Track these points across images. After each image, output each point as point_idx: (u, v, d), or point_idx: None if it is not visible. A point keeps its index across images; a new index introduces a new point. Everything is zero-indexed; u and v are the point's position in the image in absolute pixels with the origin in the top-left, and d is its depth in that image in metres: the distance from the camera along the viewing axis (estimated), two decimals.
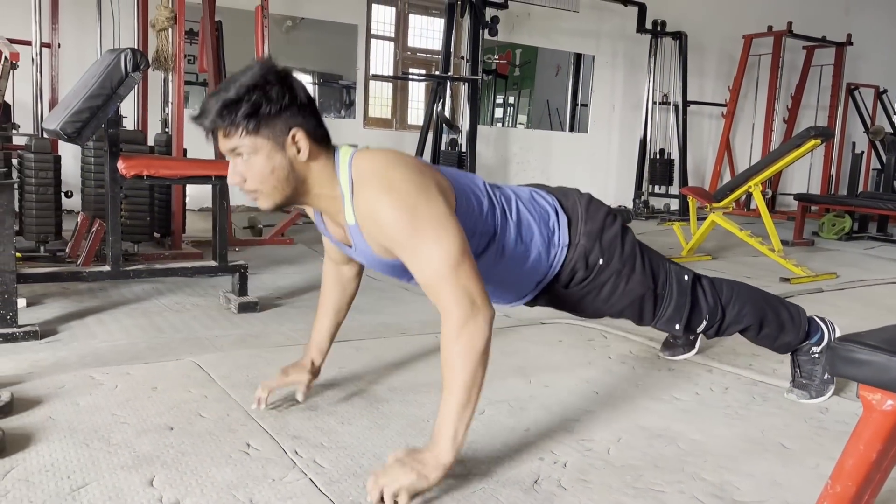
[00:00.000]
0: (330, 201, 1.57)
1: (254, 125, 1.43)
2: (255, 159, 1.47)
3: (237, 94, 1.42)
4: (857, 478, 1.27)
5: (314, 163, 1.52)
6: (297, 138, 1.48)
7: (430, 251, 1.46)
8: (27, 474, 1.52)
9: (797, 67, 9.46)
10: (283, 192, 1.52)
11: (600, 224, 1.87)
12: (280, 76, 1.47)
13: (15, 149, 4.23)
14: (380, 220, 1.48)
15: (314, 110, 1.52)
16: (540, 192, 1.88)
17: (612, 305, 1.93)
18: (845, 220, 6.76)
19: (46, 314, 2.91)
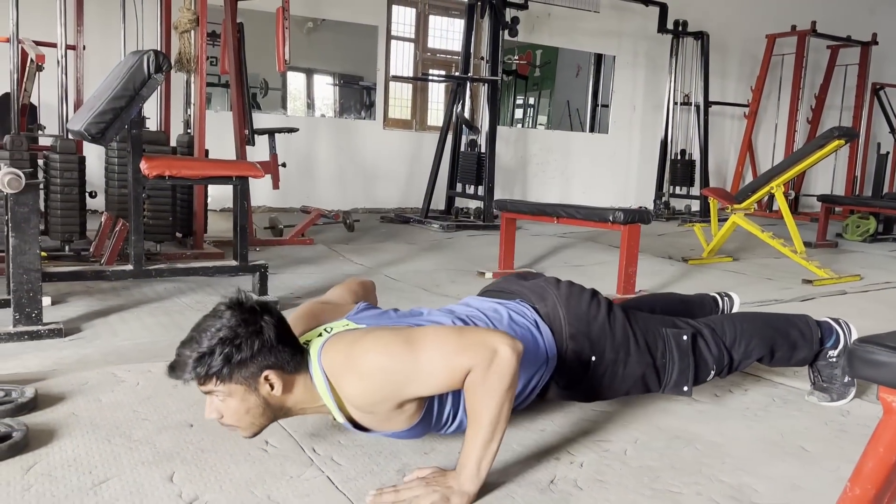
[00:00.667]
0: (318, 410, 1.61)
1: (227, 373, 1.47)
2: (231, 401, 1.51)
3: (209, 347, 1.46)
4: (877, 481, 1.26)
5: (290, 393, 1.56)
6: (269, 378, 1.51)
7: (429, 354, 1.47)
8: (50, 469, 1.55)
9: (821, 67, 9.36)
10: (261, 424, 1.57)
11: (585, 319, 1.85)
12: (249, 323, 1.49)
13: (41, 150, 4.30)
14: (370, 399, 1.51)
15: (286, 342, 1.54)
16: (515, 310, 1.86)
17: (615, 391, 1.93)
18: (870, 222, 6.67)
19: (71, 312, 2.96)
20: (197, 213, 4.41)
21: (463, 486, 1.48)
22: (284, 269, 4.11)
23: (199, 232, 4.42)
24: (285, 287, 3.61)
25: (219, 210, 6.44)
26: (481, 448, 1.47)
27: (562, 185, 9.04)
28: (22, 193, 2.51)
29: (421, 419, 1.59)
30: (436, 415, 1.62)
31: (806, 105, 9.29)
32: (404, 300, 3.45)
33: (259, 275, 3.21)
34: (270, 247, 4.89)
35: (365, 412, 1.55)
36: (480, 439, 1.47)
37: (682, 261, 4.96)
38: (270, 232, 5.44)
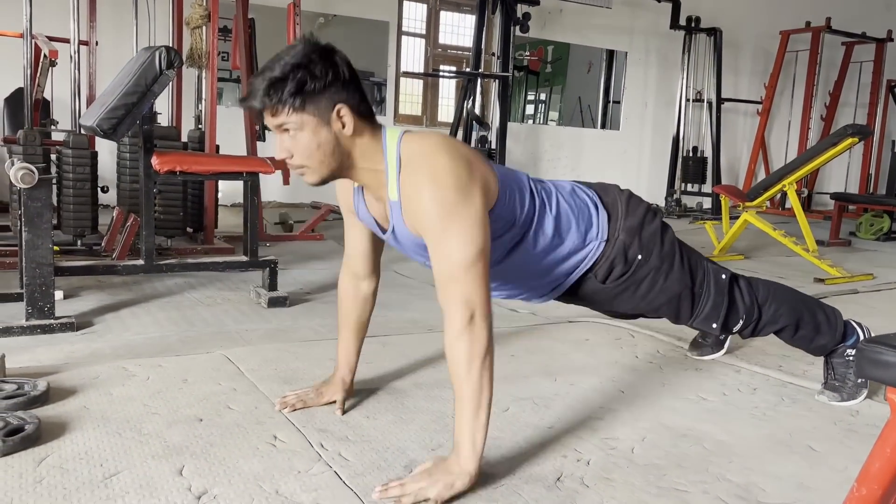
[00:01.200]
0: (374, 175, 1.59)
1: (299, 102, 1.46)
2: (302, 135, 1.49)
3: (282, 73, 1.45)
4: (883, 481, 1.26)
5: (359, 138, 1.54)
6: (342, 113, 1.50)
7: (451, 248, 1.49)
8: (61, 461, 1.57)
9: (836, 64, 9.28)
10: (330, 166, 1.55)
11: (640, 220, 1.86)
12: (324, 53, 1.49)
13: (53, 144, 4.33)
14: (418, 205, 1.52)
15: (358, 86, 1.54)
16: (581, 187, 1.89)
17: (649, 302, 1.92)
18: (884, 221, 6.62)
19: (82, 306, 2.98)
20: (207, 209, 4.43)
21: (463, 466, 1.48)
22: (294, 264, 4.12)
23: (210, 227, 4.44)
24: (295, 282, 3.63)
25: (229, 205, 6.46)
26: (470, 421, 1.48)
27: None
28: (35, 188, 2.54)
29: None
30: None
31: (820, 102, 9.22)
32: (415, 297, 3.45)
33: (269, 270, 3.23)
34: (281, 242, 4.91)
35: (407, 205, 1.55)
36: (467, 412, 1.48)
37: None
38: (281, 227, 5.46)
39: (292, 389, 2.00)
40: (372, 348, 2.46)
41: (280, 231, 5.35)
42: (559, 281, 1.87)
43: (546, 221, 1.74)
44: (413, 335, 2.75)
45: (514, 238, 1.70)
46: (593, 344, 2.73)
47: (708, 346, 2.56)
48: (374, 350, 2.45)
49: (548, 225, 1.74)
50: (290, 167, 1.55)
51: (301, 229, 5.24)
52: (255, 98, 1.47)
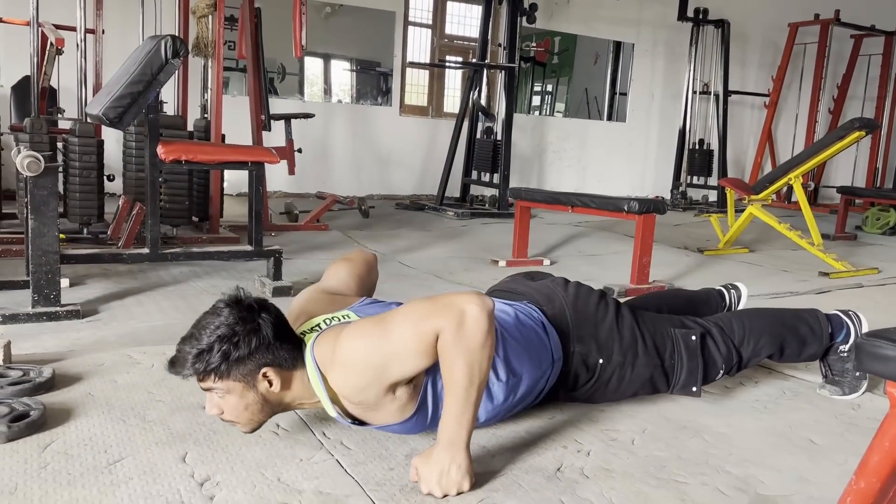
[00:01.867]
0: (315, 405, 1.63)
1: (225, 370, 1.50)
2: (229, 398, 1.54)
3: (208, 344, 1.48)
4: (882, 475, 1.26)
5: (288, 389, 1.58)
6: (268, 375, 1.54)
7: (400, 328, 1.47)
8: (66, 447, 1.58)
9: (844, 57, 9.23)
10: (260, 420, 1.59)
11: (592, 321, 1.86)
12: (247, 320, 1.51)
13: (60, 133, 4.35)
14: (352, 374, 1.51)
15: (284, 338, 1.56)
16: (524, 310, 1.85)
17: (622, 393, 1.93)
18: (890, 215, 6.60)
19: (88, 294, 3.00)
20: (213, 198, 4.44)
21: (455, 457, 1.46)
22: (299, 254, 4.14)
23: (215, 216, 4.46)
24: (300, 272, 3.64)
25: (235, 195, 6.48)
26: (461, 407, 1.46)
27: (578, 173, 9.01)
28: (41, 176, 2.55)
29: (416, 412, 1.60)
30: (431, 408, 1.61)
31: (828, 95, 9.17)
32: (417, 287, 3.46)
33: (273, 260, 3.24)
34: (286, 232, 4.93)
35: (355, 402, 1.56)
36: (458, 399, 1.45)
37: (697, 251, 4.93)
38: (286, 217, 5.48)
39: None
40: None
41: (285, 221, 5.36)
42: (529, 401, 1.83)
43: (498, 368, 1.68)
44: None
45: None
46: None
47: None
48: None
49: (500, 371, 1.69)
50: (223, 420, 1.58)
51: (306, 219, 5.26)
52: (183, 367, 1.51)
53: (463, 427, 1.47)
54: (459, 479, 1.46)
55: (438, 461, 1.46)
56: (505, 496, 1.48)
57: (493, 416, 1.73)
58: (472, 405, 1.47)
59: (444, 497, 1.45)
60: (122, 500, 1.38)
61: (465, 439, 1.48)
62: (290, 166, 5.60)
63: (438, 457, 1.47)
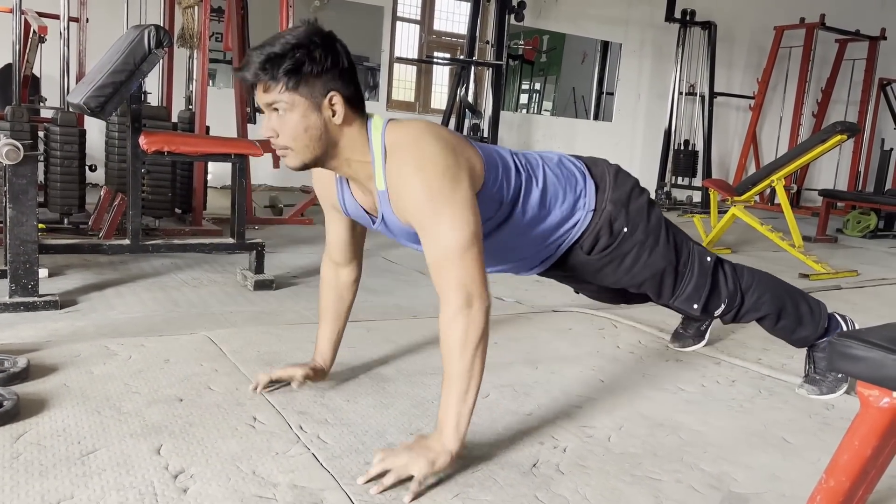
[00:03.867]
0: (360, 167, 1.59)
1: (294, 82, 1.45)
2: (291, 116, 1.48)
3: (282, 50, 1.44)
4: (852, 473, 1.28)
5: (347, 128, 1.54)
6: (333, 101, 1.49)
7: (444, 233, 1.49)
8: (39, 438, 1.57)
9: (829, 61, 9.30)
10: (314, 151, 1.53)
11: (627, 193, 1.87)
12: (325, 39, 1.49)
13: (42, 122, 4.31)
14: (406, 192, 1.52)
15: (354, 77, 1.54)
16: (569, 157, 1.89)
17: (633, 276, 1.92)
18: (870, 218, 6.67)
19: (67, 285, 2.98)
20: (196, 190, 4.42)
21: (445, 445, 1.49)
22: (283, 248, 4.12)
23: (199, 209, 4.43)
24: (283, 266, 3.62)
25: (219, 187, 6.44)
26: (457, 402, 1.49)
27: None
28: (20, 165, 2.52)
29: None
30: None
31: (812, 98, 9.25)
32: (402, 283, 3.46)
33: (256, 253, 3.23)
34: (270, 226, 4.90)
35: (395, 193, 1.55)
36: (455, 393, 1.49)
37: None
38: (270, 211, 5.45)
39: None
40: (356, 333, 2.47)
41: (270, 214, 5.34)
42: (548, 252, 1.87)
43: (532, 194, 1.74)
44: (398, 321, 2.76)
45: (502, 216, 1.70)
46: (576, 333, 2.75)
47: (689, 336, 2.58)
48: (358, 335, 2.46)
49: (534, 198, 1.74)
50: (274, 146, 1.54)
51: (290, 213, 5.24)
52: (249, 70, 1.46)
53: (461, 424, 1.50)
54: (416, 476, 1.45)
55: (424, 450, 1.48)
56: (480, 491, 1.49)
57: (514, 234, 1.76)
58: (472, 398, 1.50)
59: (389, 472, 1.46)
60: (94, 491, 1.37)
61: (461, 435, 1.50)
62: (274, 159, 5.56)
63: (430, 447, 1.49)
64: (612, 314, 2.93)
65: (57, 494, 1.35)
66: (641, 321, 2.85)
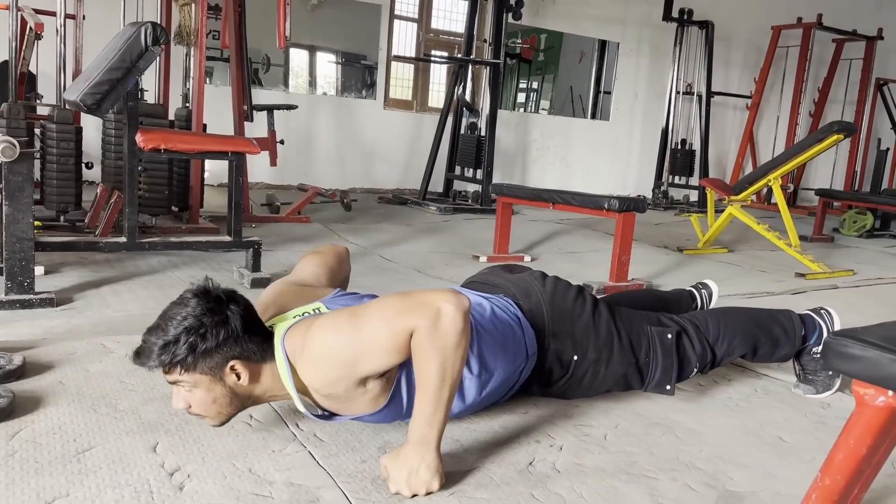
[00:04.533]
0: (286, 397, 1.60)
1: (191, 362, 1.47)
2: (197, 391, 1.51)
3: (174, 336, 1.45)
4: (847, 472, 1.28)
5: (257, 382, 1.55)
6: (235, 368, 1.51)
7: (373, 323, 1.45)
8: (35, 435, 1.57)
9: (826, 61, 9.31)
10: (229, 413, 1.57)
11: (569, 317, 1.86)
12: (215, 311, 1.48)
13: (38, 119, 4.29)
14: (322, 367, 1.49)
15: (253, 331, 1.53)
16: (500, 304, 1.84)
17: (596, 389, 1.93)
18: (867, 218, 6.68)
19: (63, 282, 2.97)
20: (193, 188, 4.41)
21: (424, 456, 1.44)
22: (279, 246, 4.12)
23: (195, 206, 4.42)
24: (279, 264, 3.62)
25: (216, 185, 6.43)
26: (433, 406, 1.43)
27: (561, 171, 9.03)
28: (16, 162, 2.51)
29: (389, 403, 1.58)
30: (405, 398, 1.59)
31: (809, 98, 9.26)
32: (398, 281, 3.46)
33: (252, 251, 3.22)
34: (266, 224, 4.90)
35: (325, 395, 1.55)
36: (430, 398, 1.43)
37: (677, 251, 4.97)
38: (267, 209, 5.45)
39: None
40: None
41: (266, 212, 5.34)
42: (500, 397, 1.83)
43: (471, 362, 1.67)
44: None
45: None
46: None
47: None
48: None
49: (473, 366, 1.68)
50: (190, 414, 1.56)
51: (287, 211, 5.23)
52: (148, 358, 1.47)
53: (434, 427, 1.45)
54: (429, 479, 1.44)
55: (407, 460, 1.45)
56: (476, 489, 1.49)
57: (465, 409, 1.73)
58: (444, 405, 1.45)
59: (412, 497, 1.43)
60: (89, 489, 1.37)
61: (435, 439, 1.46)
62: (271, 157, 5.57)
63: (407, 456, 1.45)
64: None
65: (52, 492, 1.35)
66: None
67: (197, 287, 1.52)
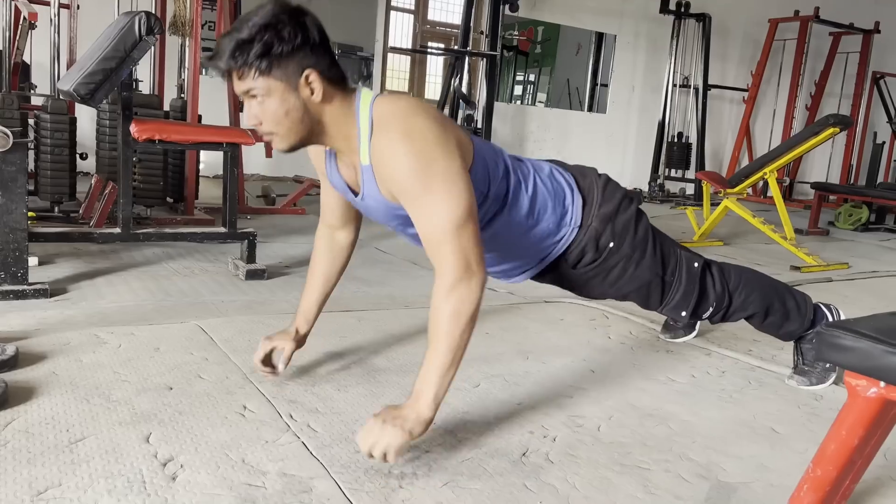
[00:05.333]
0: (346, 141, 1.56)
1: (266, 66, 1.42)
2: (270, 101, 1.46)
3: (249, 35, 1.41)
4: (839, 463, 1.29)
5: (329, 104, 1.51)
6: (310, 79, 1.46)
7: (437, 207, 1.46)
8: (27, 426, 1.57)
9: (822, 54, 9.31)
10: (299, 133, 1.51)
11: (615, 207, 1.86)
12: (293, 15, 1.45)
13: (32, 109, 4.28)
14: (394, 166, 1.48)
15: (328, 50, 1.50)
16: (559, 169, 1.88)
17: (618, 289, 1.93)
18: (862, 211, 6.69)
19: (57, 273, 2.96)
20: (188, 179, 4.40)
21: (420, 413, 1.45)
22: (275, 238, 4.11)
23: (191, 198, 4.41)
24: (275, 256, 3.61)
25: (212, 176, 6.40)
26: (440, 373, 1.45)
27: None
28: (9, 152, 2.50)
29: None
30: None
31: (805, 92, 9.25)
32: (394, 273, 3.46)
33: (248, 242, 3.21)
34: (262, 215, 4.89)
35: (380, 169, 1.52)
36: (439, 364, 1.45)
37: None
38: (263, 201, 5.43)
39: None
40: (347, 322, 2.48)
41: (262, 204, 5.32)
42: (531, 263, 1.87)
43: (522, 200, 1.73)
44: (390, 311, 2.75)
45: (488, 213, 1.68)
46: (568, 324, 2.75)
47: (680, 328, 2.59)
48: (350, 324, 2.46)
49: (523, 204, 1.73)
50: (260, 133, 1.53)
51: (283, 203, 5.22)
52: (220, 59, 1.44)
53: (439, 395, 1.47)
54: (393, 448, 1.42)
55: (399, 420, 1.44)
56: (469, 479, 1.49)
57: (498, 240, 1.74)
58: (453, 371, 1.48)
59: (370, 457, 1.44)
60: (82, 479, 1.37)
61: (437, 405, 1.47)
62: (267, 149, 5.55)
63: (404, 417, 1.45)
64: (603, 305, 2.93)
65: (45, 482, 1.35)
66: (633, 312, 2.85)
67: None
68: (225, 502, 1.34)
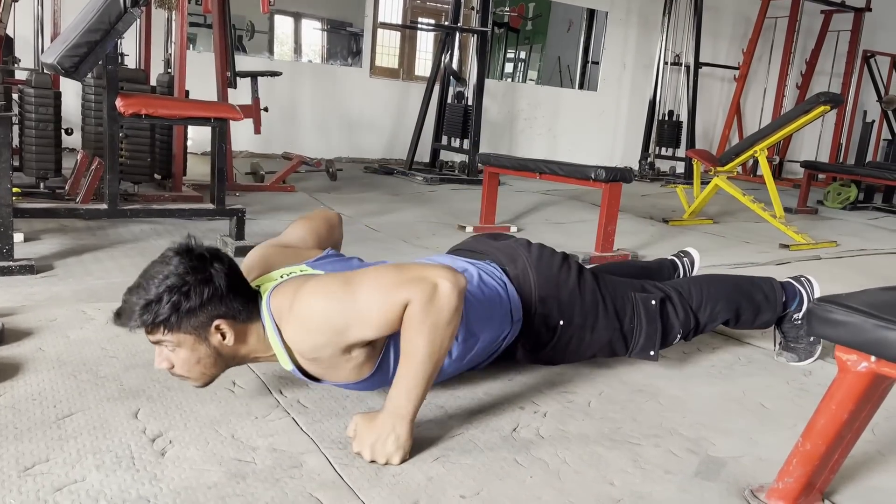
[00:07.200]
0: (271, 359, 1.57)
1: (175, 323, 1.42)
2: (180, 351, 1.46)
3: (157, 295, 1.40)
4: (828, 437, 1.29)
5: (242, 343, 1.51)
6: (221, 328, 1.47)
7: (367, 292, 1.43)
8: (14, 402, 1.55)
9: (813, 32, 9.28)
10: (213, 374, 1.53)
11: (555, 282, 1.85)
12: (198, 269, 1.43)
13: (16, 83, 4.21)
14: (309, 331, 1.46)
15: (238, 292, 1.49)
16: (486, 269, 1.83)
17: (581, 355, 1.94)
18: (851, 190, 6.71)
19: (43, 250, 2.93)
20: (176, 155, 4.34)
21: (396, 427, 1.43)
22: (263, 214, 4.08)
23: (178, 174, 4.36)
24: (263, 233, 3.58)
25: (200, 153, 6.35)
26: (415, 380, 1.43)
27: (549, 141, 8.99)
28: None
29: (374, 373, 1.57)
30: (391, 368, 1.57)
31: (796, 70, 9.24)
32: (384, 251, 3.44)
33: (236, 219, 3.19)
34: (251, 192, 4.85)
35: (310, 359, 1.52)
36: (414, 372, 1.43)
37: (662, 222, 4.97)
38: (251, 177, 5.39)
39: None
40: None
41: (251, 181, 5.28)
42: (482, 361, 1.81)
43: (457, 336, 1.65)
44: None
45: None
46: None
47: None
48: None
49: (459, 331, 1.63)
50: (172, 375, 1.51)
51: (272, 180, 5.18)
52: (129, 318, 1.42)
53: (411, 401, 1.45)
54: (392, 451, 1.42)
55: (379, 427, 1.44)
56: (460, 454, 1.49)
57: (445, 373, 1.71)
58: (426, 380, 1.45)
59: (371, 462, 1.42)
60: (70, 454, 1.36)
61: (411, 413, 1.45)
62: (255, 125, 5.49)
63: (381, 423, 1.44)
64: None
65: (32, 457, 1.34)
66: None
67: (179, 245, 1.47)
68: (215, 477, 1.33)
